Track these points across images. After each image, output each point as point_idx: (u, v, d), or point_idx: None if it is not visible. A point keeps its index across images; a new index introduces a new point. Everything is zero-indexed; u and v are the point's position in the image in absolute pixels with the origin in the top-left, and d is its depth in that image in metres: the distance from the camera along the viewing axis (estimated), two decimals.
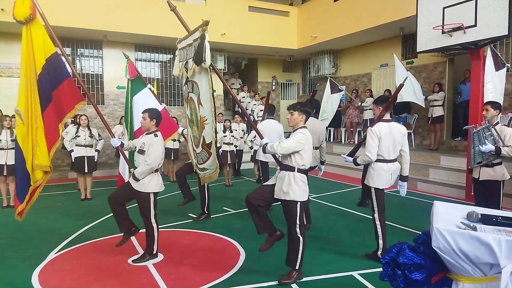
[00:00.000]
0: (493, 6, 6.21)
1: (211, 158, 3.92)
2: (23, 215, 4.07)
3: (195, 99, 3.97)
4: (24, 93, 3.87)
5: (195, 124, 4.13)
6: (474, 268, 1.84)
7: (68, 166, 10.07)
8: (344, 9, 10.85)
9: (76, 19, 9.43)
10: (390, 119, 4.19)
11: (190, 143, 4.52)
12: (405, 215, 5.81)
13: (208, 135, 3.84)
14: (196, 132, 4.15)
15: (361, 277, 3.77)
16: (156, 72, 12.26)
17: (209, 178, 4.13)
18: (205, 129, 3.86)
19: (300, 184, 3.60)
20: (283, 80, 15.19)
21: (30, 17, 3.78)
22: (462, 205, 2.24)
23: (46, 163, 3.91)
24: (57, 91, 3.99)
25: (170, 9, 4.05)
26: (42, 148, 3.88)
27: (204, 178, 4.26)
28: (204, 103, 3.77)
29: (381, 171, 4.08)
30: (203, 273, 3.87)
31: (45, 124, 3.91)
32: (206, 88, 3.67)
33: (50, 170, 3.98)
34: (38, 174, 3.92)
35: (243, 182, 9.33)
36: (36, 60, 3.86)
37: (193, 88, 3.98)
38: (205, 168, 4.13)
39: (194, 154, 4.39)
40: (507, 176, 4.45)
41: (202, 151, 4.06)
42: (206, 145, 3.92)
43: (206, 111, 3.75)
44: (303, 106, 3.77)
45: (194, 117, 4.14)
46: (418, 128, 10.24)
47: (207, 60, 3.47)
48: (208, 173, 4.12)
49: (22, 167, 3.89)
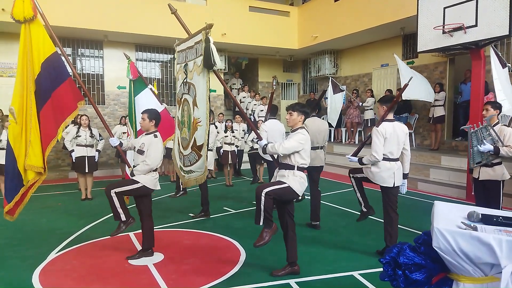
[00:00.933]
0: (493, 6, 6.20)
1: (201, 161, 3.85)
2: (15, 215, 3.99)
3: (190, 100, 3.94)
4: (20, 92, 3.83)
5: (186, 126, 4.07)
6: (475, 268, 1.83)
7: (68, 166, 10.07)
8: (344, 9, 10.85)
9: (76, 19, 9.43)
10: (393, 119, 4.27)
11: (176, 146, 4.41)
12: (406, 215, 5.80)
13: (200, 137, 3.78)
14: (186, 134, 4.08)
15: (361, 277, 3.77)
16: (157, 72, 12.27)
17: (195, 181, 4.01)
18: (198, 131, 3.80)
19: (299, 178, 3.67)
20: (283, 80, 15.19)
21: (32, 17, 3.77)
22: (463, 205, 2.23)
23: (38, 164, 3.83)
24: (57, 91, 3.95)
25: (171, 12, 4.04)
26: (36, 148, 3.81)
27: (188, 181, 4.10)
28: (200, 104, 3.75)
29: (384, 169, 4.17)
30: (204, 273, 3.87)
31: (42, 123, 3.86)
32: (203, 90, 3.66)
33: (43, 171, 3.89)
34: (29, 175, 3.84)
35: (243, 182, 9.33)
36: (34, 60, 3.83)
37: (189, 89, 3.96)
38: (191, 170, 4.02)
39: (180, 156, 4.26)
40: (507, 176, 4.44)
41: (191, 153, 3.97)
42: (196, 147, 3.85)
43: (201, 112, 3.72)
44: (302, 106, 3.83)
45: (186, 119, 4.10)
46: (419, 128, 10.24)
47: (217, 62, 3.48)
48: (194, 176, 4.01)
49: (13, 166, 3.83)
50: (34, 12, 3.78)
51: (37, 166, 3.83)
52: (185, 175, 4.18)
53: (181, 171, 4.26)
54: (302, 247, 3.69)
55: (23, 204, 4.01)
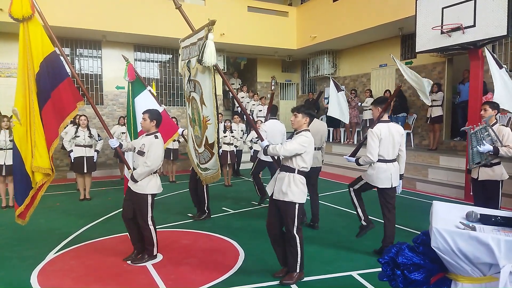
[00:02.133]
0: (492, 7, 6.22)
1: (213, 158, 3.87)
2: (26, 218, 3.95)
3: (198, 98, 3.93)
4: (22, 92, 3.79)
5: (198, 124, 4.08)
6: (473, 268, 1.84)
7: (67, 166, 10.05)
8: (343, 9, 10.86)
9: (75, 19, 9.41)
10: (388, 119, 4.29)
11: (191, 143, 4.45)
12: (404, 215, 5.81)
13: (210, 135, 3.80)
14: (198, 132, 4.10)
15: (360, 277, 3.77)
16: (155, 72, 12.26)
17: (212, 178, 4.05)
18: (208, 129, 3.82)
19: (300, 185, 3.58)
20: (282, 80, 15.19)
21: (30, 16, 3.73)
22: (461, 205, 2.24)
23: (45, 165, 3.79)
24: (57, 91, 3.91)
25: (176, 7, 3.99)
26: (41, 149, 3.77)
27: (206, 178, 4.17)
28: (207, 103, 3.74)
29: (380, 170, 4.19)
30: (203, 273, 3.87)
31: (44, 123, 3.83)
32: (209, 88, 3.63)
33: (51, 172, 3.86)
34: (37, 176, 3.81)
35: (242, 182, 9.33)
36: (34, 59, 3.79)
37: (195, 87, 3.95)
38: (207, 168, 4.07)
39: (196, 153, 4.31)
40: (506, 176, 4.46)
41: (204, 150, 4.01)
42: (208, 145, 3.88)
43: (209, 111, 3.72)
44: (307, 108, 3.75)
45: (196, 117, 4.10)
46: (417, 128, 10.25)
47: (206, 59, 3.42)
48: (210, 173, 4.06)
49: (21, 168, 3.80)
50: (32, 11, 3.74)
51: (44, 167, 3.80)
52: (202, 172, 4.21)
53: (199, 169, 4.29)
54: None
55: (34, 207, 3.95)
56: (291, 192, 3.54)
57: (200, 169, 4.28)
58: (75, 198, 7.34)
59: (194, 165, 4.48)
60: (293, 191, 3.55)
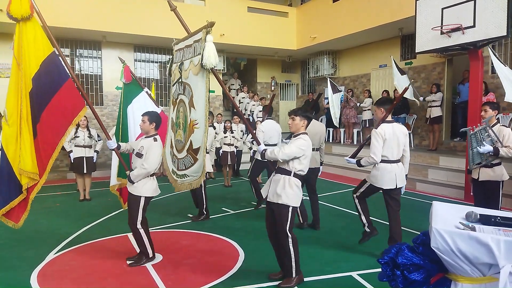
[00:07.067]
0: (491, 7, 6.22)
1: (197, 164, 3.61)
2: (19, 221, 3.84)
3: (186, 101, 3.75)
4: (13, 92, 3.70)
5: (182, 128, 3.87)
6: (473, 268, 1.84)
7: (67, 167, 10.05)
8: (343, 9, 10.86)
9: (75, 19, 9.41)
10: (393, 120, 4.28)
11: (168, 148, 4.17)
12: (404, 215, 5.78)
13: (196, 140, 3.58)
14: (181, 136, 3.87)
15: (360, 277, 3.77)
16: (155, 73, 12.25)
17: (190, 186, 3.79)
18: (194, 134, 3.60)
19: (295, 188, 3.53)
20: (282, 80, 15.20)
21: (28, 16, 3.68)
22: (461, 206, 2.23)
23: (28, 169, 3.61)
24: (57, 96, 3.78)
25: (171, 9, 3.98)
26: (24, 152, 3.61)
27: (181, 185, 3.85)
28: (197, 105, 3.57)
29: (385, 172, 4.17)
30: (202, 274, 3.87)
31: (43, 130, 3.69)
32: (202, 91, 3.50)
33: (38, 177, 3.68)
34: (23, 179, 3.68)
35: (242, 182, 9.33)
36: (31, 58, 3.71)
37: (185, 90, 3.79)
38: (186, 174, 3.79)
39: (174, 159, 4.01)
40: (507, 177, 4.45)
41: (186, 156, 3.75)
42: (193, 150, 3.63)
43: (199, 114, 3.54)
44: (304, 111, 3.71)
45: (181, 120, 3.88)
46: (417, 129, 10.26)
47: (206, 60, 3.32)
48: (188, 180, 3.78)
49: (8, 170, 3.65)
50: (31, 11, 3.69)
51: (28, 171, 3.63)
52: (177, 179, 3.93)
53: (173, 175, 3.98)
54: (301, 247, 3.67)
55: (27, 210, 3.84)
56: (286, 194, 3.49)
57: (176, 175, 3.96)
58: (75, 199, 7.34)
59: (168, 171, 4.13)
60: (288, 194, 3.50)
